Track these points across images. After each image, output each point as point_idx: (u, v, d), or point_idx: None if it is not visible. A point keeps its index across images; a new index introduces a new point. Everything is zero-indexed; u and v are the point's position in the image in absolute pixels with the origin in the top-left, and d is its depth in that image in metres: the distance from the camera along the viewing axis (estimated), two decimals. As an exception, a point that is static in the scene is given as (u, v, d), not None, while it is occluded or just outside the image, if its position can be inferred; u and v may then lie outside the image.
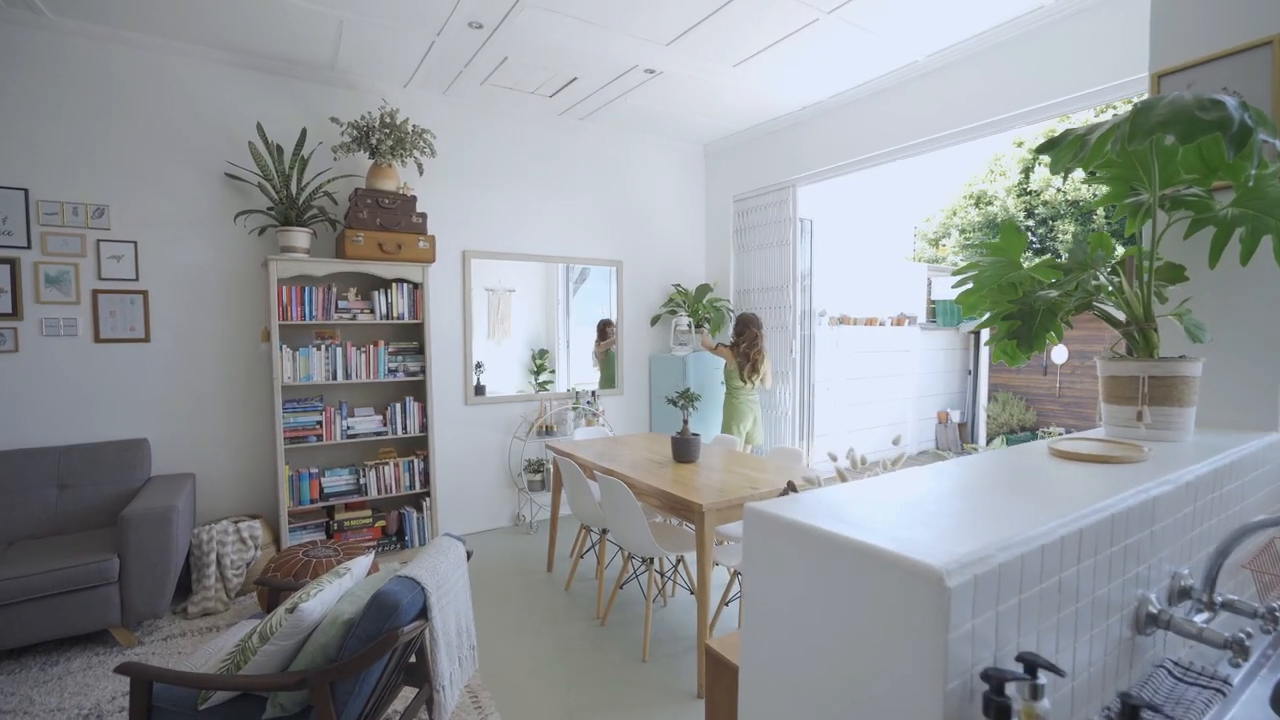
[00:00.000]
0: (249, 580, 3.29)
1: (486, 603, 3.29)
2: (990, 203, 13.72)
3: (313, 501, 3.65)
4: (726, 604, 2.81)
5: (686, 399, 3.14)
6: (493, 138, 4.43)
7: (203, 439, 3.58)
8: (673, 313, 5.19)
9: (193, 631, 2.95)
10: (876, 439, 7.68)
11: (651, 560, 2.81)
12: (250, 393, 3.69)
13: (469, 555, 2.16)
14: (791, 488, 1.23)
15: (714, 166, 5.42)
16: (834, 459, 1.26)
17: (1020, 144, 13.72)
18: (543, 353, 4.81)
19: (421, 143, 3.83)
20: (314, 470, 3.67)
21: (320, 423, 3.65)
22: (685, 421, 3.17)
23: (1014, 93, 3.31)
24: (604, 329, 5.08)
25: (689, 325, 5.04)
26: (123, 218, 3.35)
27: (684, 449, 3.12)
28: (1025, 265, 1.70)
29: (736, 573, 2.69)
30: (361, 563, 2.03)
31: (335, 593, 1.85)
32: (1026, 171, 12.96)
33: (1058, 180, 12.12)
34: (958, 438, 8.35)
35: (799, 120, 4.53)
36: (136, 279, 3.38)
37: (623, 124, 4.84)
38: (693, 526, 2.63)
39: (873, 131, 4.04)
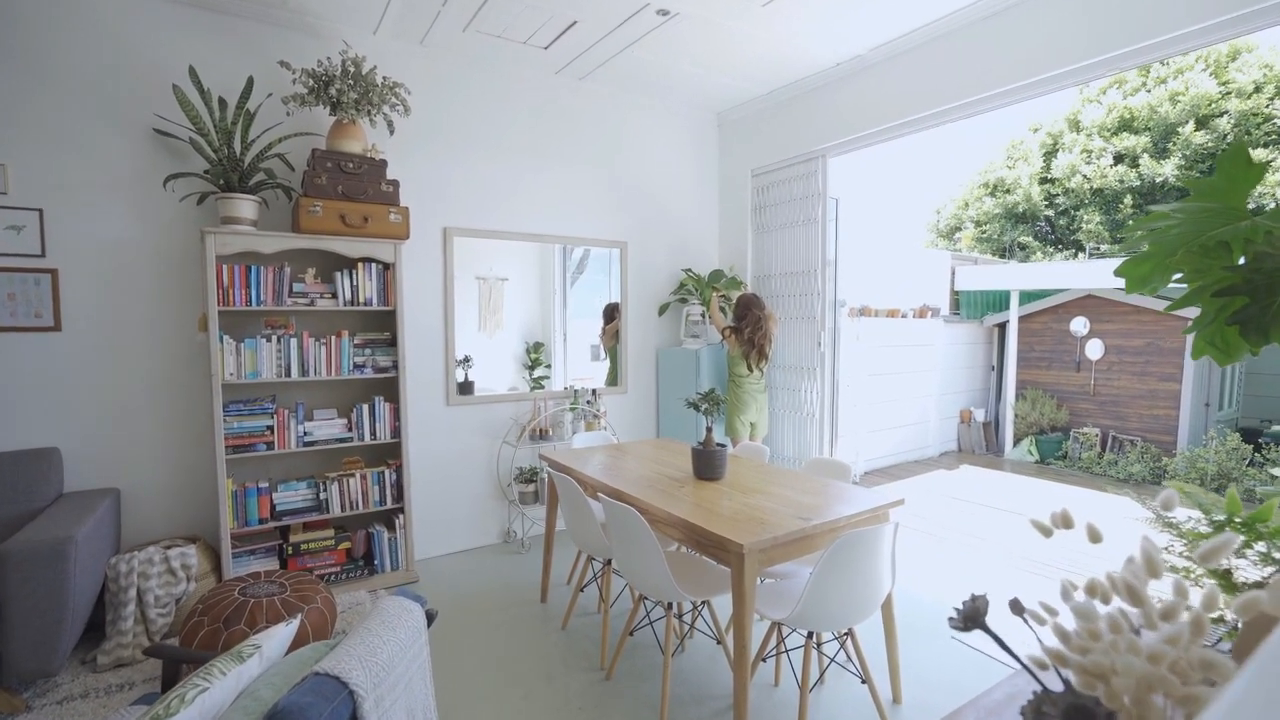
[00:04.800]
0: (179, 620, 2.72)
1: (466, 647, 2.73)
2: (1009, 191, 13.13)
3: (262, 521, 3.08)
4: (764, 660, 2.26)
5: (711, 402, 2.57)
6: (479, 98, 3.84)
7: (129, 447, 3.00)
8: (683, 301, 4.62)
9: (100, 689, 2.37)
10: (898, 441, 7.13)
11: (671, 604, 2.25)
12: (186, 392, 3.11)
13: (432, 619, 1.59)
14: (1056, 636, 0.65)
15: (729, 137, 4.83)
16: (1067, 595, 0.68)
17: (1037, 129, 13.14)
18: (538, 346, 4.24)
19: (393, 97, 3.24)
20: (263, 485, 3.09)
21: (271, 428, 3.07)
22: (709, 429, 2.60)
23: (1100, 33, 2.73)
24: (611, 313, 4.52)
25: (702, 315, 4.47)
26: (24, 180, 2.75)
27: (708, 463, 2.55)
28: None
29: (778, 625, 2.12)
30: (278, 636, 1.46)
31: (229, 689, 1.28)
32: (1049, 156, 12.37)
33: (1085, 167, 11.54)
34: (982, 438, 7.81)
35: (832, 79, 3.95)
36: (42, 254, 2.79)
37: (628, 85, 4.25)
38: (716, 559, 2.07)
39: (921, 89, 3.46)
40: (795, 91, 4.17)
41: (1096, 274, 7.18)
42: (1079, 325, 7.49)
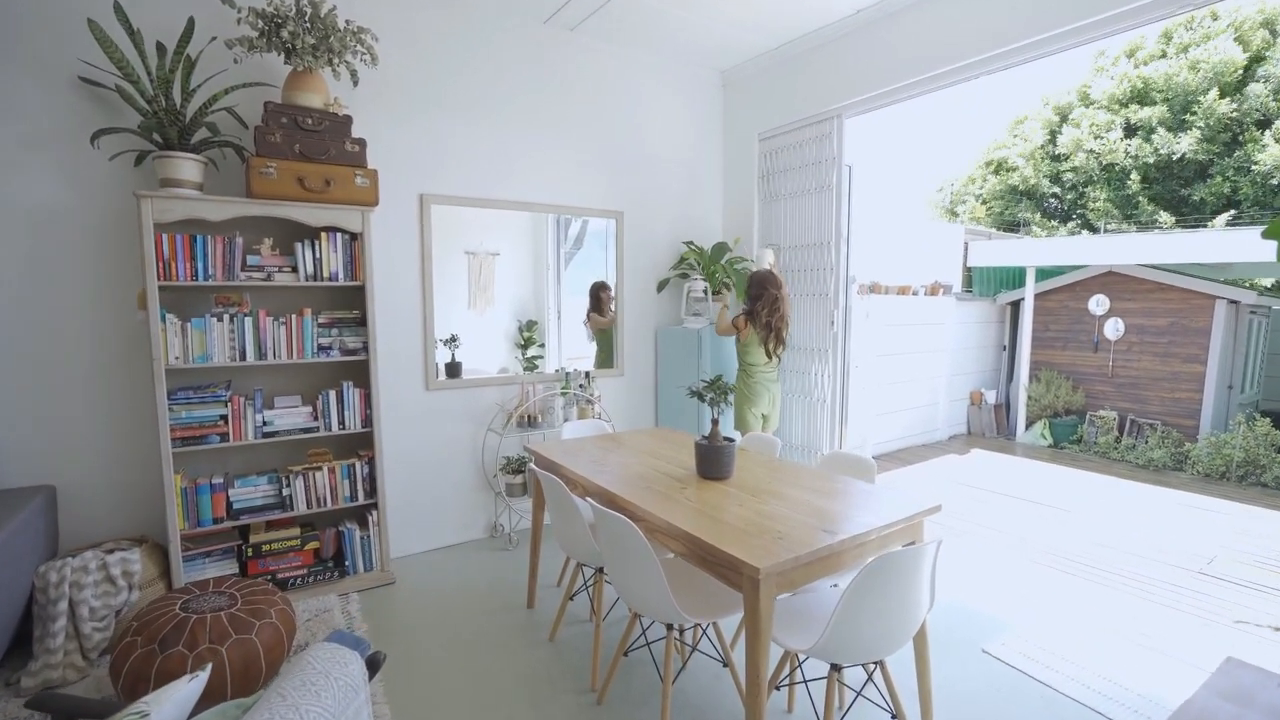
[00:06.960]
0: (119, 635, 2.43)
1: (442, 660, 2.45)
2: (1012, 169, 12.68)
3: (218, 520, 2.77)
4: (777, 688, 1.97)
5: (717, 391, 2.25)
6: (457, 49, 3.44)
7: (65, 440, 2.68)
8: (684, 276, 4.27)
9: (23, 718, 2.09)
10: (906, 424, 6.85)
11: (671, 624, 1.96)
12: (128, 377, 2.78)
13: (377, 667, 1.29)
14: None
15: (734, 98, 4.43)
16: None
17: (1047, 102, 12.61)
18: (531, 324, 3.91)
19: (357, 44, 2.85)
20: (217, 480, 2.78)
21: (225, 417, 2.75)
22: (715, 422, 2.28)
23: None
24: (598, 293, 4.15)
25: (704, 291, 4.12)
26: (-74, 134, 2.39)
27: (714, 461, 2.24)
28: None
29: (793, 654, 1.83)
30: (176, 697, 1.15)
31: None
32: (1053, 133, 11.90)
33: (1092, 141, 11.10)
34: (993, 421, 7.53)
35: (850, 29, 3.55)
36: (-49, 221, 2.44)
37: (623, 37, 3.85)
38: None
39: (950, 39, 3.07)
40: (809, 44, 3.78)
41: (1118, 249, 6.82)
42: (1097, 304, 7.15)
